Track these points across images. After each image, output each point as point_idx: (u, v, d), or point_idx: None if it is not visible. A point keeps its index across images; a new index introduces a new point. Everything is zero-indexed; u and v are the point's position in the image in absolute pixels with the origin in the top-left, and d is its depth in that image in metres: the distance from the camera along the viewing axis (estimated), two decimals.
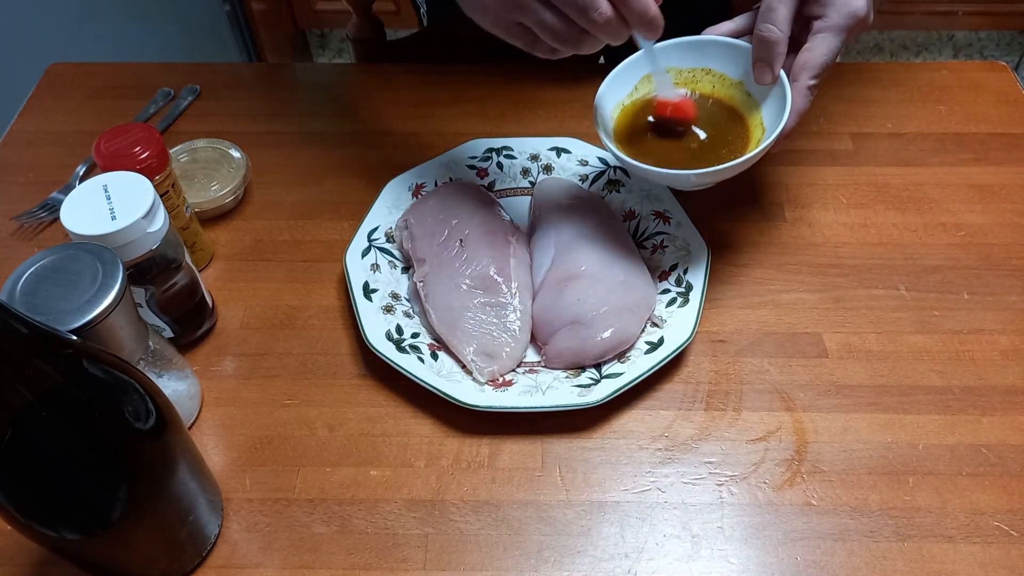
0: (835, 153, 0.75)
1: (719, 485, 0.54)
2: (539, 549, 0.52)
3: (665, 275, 0.63)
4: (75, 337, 0.40)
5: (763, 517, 0.53)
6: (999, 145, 0.75)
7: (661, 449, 0.56)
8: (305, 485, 0.55)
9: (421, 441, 0.57)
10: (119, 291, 0.46)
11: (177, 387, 0.56)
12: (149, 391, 0.43)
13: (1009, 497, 0.53)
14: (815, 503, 0.53)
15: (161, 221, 0.54)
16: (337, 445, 0.57)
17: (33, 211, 0.71)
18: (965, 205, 0.70)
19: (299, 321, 0.64)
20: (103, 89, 0.83)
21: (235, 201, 0.71)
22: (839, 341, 0.62)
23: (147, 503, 0.44)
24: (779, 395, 0.59)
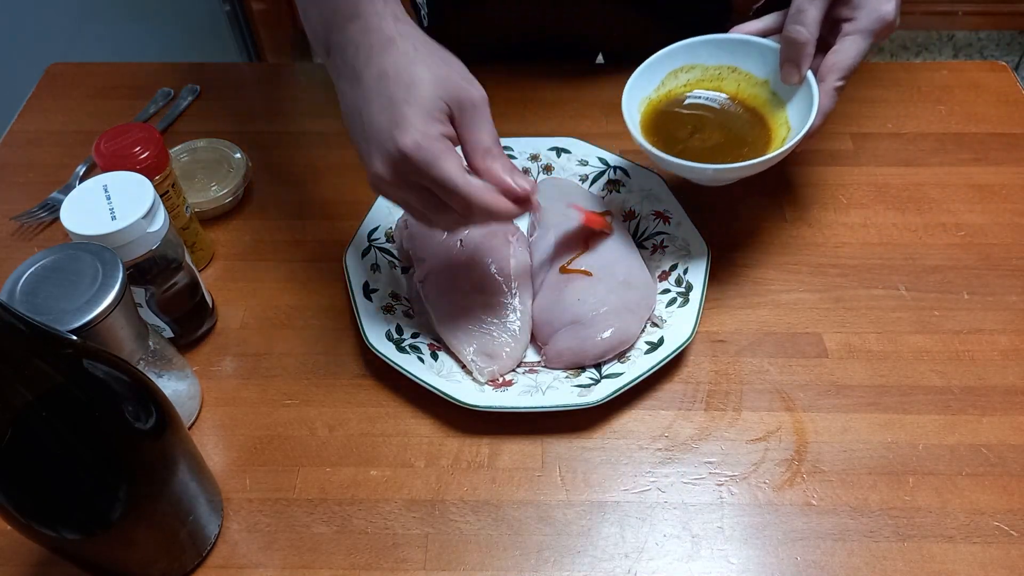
0: (835, 153, 0.75)
1: (719, 485, 0.54)
2: (539, 549, 0.52)
3: (665, 275, 0.63)
4: (75, 337, 0.40)
5: (763, 517, 0.53)
6: (999, 145, 0.75)
7: (661, 449, 0.56)
8: (305, 485, 0.55)
9: (421, 441, 0.57)
10: (119, 291, 0.46)
11: (177, 387, 0.56)
12: (149, 391, 0.43)
13: (1009, 497, 0.53)
14: (815, 503, 0.53)
15: (161, 221, 0.54)
16: (337, 445, 0.57)
17: (33, 211, 0.71)
18: (965, 205, 0.70)
19: (299, 321, 0.64)
20: (103, 89, 0.83)
21: (235, 201, 0.71)
22: (839, 341, 0.62)
23: (147, 503, 0.44)
24: (779, 395, 0.59)
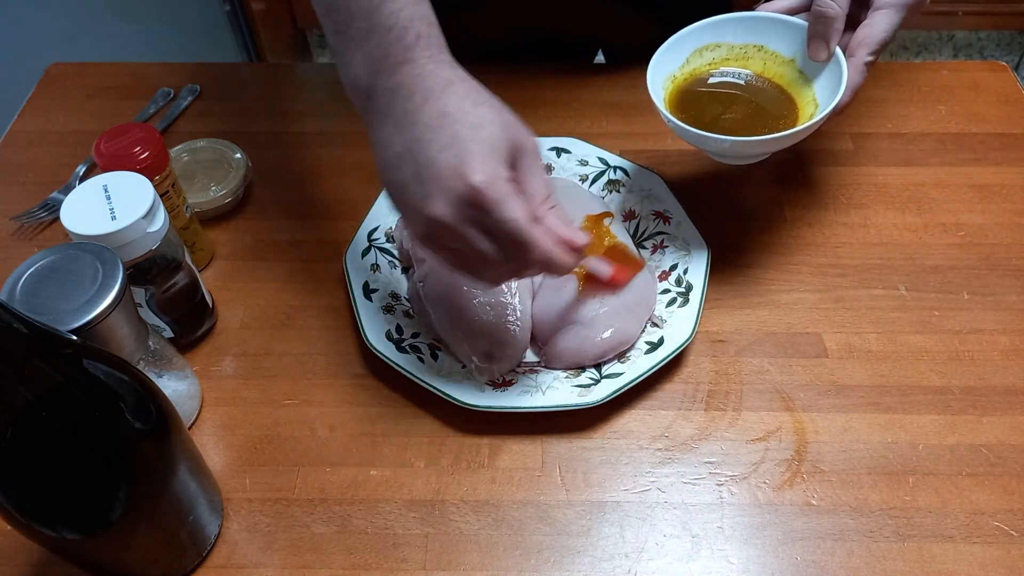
0: (835, 153, 0.75)
1: (719, 485, 0.54)
2: (539, 549, 0.52)
3: (665, 275, 0.63)
4: (75, 337, 0.40)
5: (763, 517, 0.53)
6: (999, 145, 0.75)
7: (661, 449, 0.56)
8: (305, 485, 0.55)
9: (421, 441, 0.57)
10: (119, 291, 0.46)
11: (177, 387, 0.56)
12: (149, 391, 0.43)
13: (1009, 497, 0.53)
14: (815, 503, 0.53)
15: (161, 221, 0.54)
16: (337, 445, 0.57)
17: (33, 211, 0.71)
18: (965, 205, 0.70)
19: (299, 321, 0.64)
20: (103, 89, 0.83)
21: (235, 201, 0.71)
22: (839, 341, 0.62)
23: (147, 503, 0.44)
24: (779, 395, 0.59)
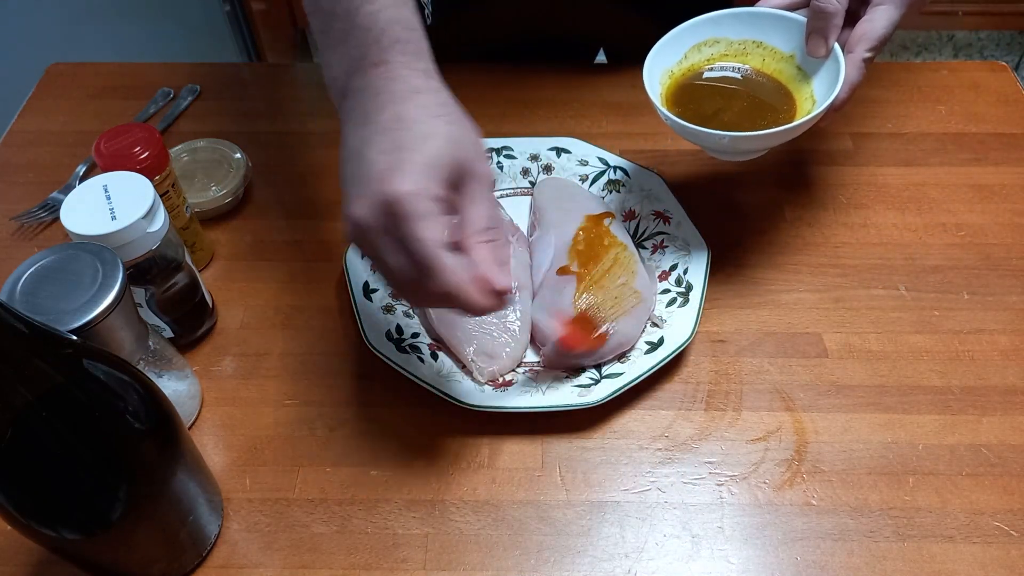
0: (835, 153, 0.75)
1: (719, 485, 0.54)
2: (539, 549, 0.52)
3: (665, 275, 0.63)
4: (75, 337, 0.40)
5: (763, 517, 0.53)
6: (999, 145, 0.75)
7: (661, 449, 0.56)
8: (305, 485, 0.55)
9: (421, 441, 0.57)
10: (119, 291, 0.46)
11: (177, 387, 0.56)
12: (149, 391, 0.43)
13: (1009, 497, 0.53)
14: (815, 503, 0.53)
15: (161, 221, 0.54)
16: (337, 445, 0.57)
17: (33, 211, 0.71)
18: (965, 205, 0.70)
19: (299, 321, 0.64)
20: (103, 89, 0.83)
21: (235, 201, 0.71)
22: (839, 341, 0.62)
23: (147, 503, 0.44)
24: (779, 395, 0.59)
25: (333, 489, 0.55)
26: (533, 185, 0.71)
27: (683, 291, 0.61)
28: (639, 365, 0.57)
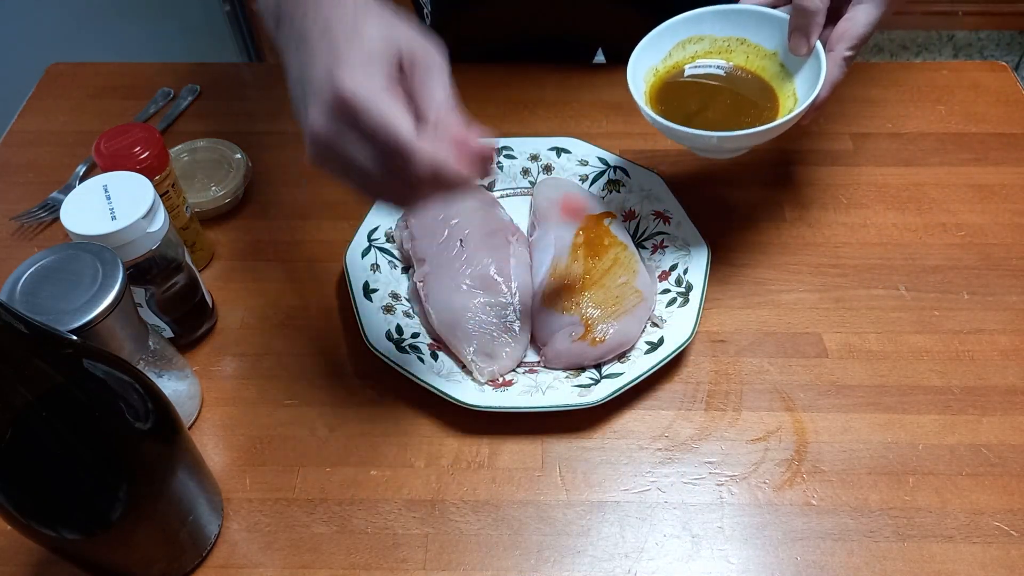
0: (835, 153, 0.75)
1: (719, 485, 0.54)
2: (539, 549, 0.52)
3: (665, 275, 0.63)
4: (75, 337, 0.40)
5: (763, 517, 0.53)
6: (999, 145, 0.75)
7: (661, 449, 0.56)
8: (305, 485, 0.55)
9: (421, 441, 0.57)
10: (119, 291, 0.46)
11: (177, 387, 0.56)
12: (149, 391, 0.43)
13: (1009, 497, 0.53)
14: (815, 503, 0.53)
15: (161, 221, 0.54)
16: (337, 445, 0.57)
17: (33, 211, 0.71)
18: (965, 205, 0.70)
19: (299, 321, 0.64)
20: (103, 89, 0.83)
21: (235, 201, 0.71)
22: (839, 341, 0.62)
23: (147, 503, 0.44)
24: (779, 395, 0.59)
25: (333, 489, 0.55)
26: (533, 185, 0.71)
27: (683, 291, 0.61)
28: (639, 365, 0.57)
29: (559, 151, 0.72)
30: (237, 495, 0.54)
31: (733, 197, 0.71)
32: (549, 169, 0.71)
